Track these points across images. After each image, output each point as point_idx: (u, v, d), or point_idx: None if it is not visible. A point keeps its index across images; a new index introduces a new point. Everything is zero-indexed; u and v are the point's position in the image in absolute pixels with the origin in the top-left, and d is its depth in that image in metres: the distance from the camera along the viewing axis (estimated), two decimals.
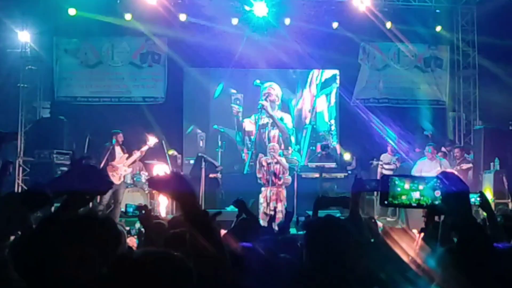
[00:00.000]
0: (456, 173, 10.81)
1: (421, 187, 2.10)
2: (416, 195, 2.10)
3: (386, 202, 2.13)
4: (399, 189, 2.12)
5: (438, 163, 12.07)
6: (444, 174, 2.07)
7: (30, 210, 2.02)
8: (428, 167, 11.36)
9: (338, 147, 14.96)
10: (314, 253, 2.87)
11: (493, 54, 13.97)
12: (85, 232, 2.15)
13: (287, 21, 14.28)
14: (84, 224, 2.19)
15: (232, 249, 2.58)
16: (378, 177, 11.42)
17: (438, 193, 2.06)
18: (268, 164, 11.08)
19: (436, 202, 2.06)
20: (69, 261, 2.09)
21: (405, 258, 2.26)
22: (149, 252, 1.71)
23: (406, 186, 2.11)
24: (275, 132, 14.91)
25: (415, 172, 11.58)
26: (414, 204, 2.10)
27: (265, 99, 14.94)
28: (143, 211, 4.86)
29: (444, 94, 15.22)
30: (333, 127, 15.27)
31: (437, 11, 14.76)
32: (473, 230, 1.99)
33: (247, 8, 14.28)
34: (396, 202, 2.12)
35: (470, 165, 12.73)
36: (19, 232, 2.13)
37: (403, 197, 2.11)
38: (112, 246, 2.19)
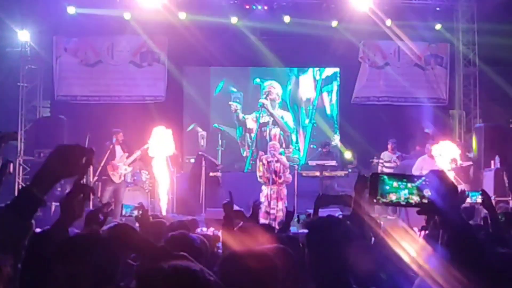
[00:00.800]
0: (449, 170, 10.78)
1: (410, 185, 2.10)
2: (405, 193, 2.10)
3: (375, 200, 2.14)
4: (387, 187, 2.11)
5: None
6: (433, 172, 2.08)
7: (27, 219, 1.97)
8: (429, 165, 11.34)
9: (339, 145, 14.94)
10: (315, 252, 2.87)
11: (493, 51, 13.96)
12: (83, 252, 2.13)
13: (287, 19, 14.28)
14: (83, 244, 2.18)
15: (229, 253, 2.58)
16: None
17: (427, 192, 2.06)
18: (269, 162, 11.07)
19: (425, 201, 2.06)
20: (64, 280, 2.08)
21: (406, 258, 2.26)
22: (178, 267, 1.70)
23: (395, 184, 2.11)
24: (276, 131, 14.89)
25: (415, 170, 11.58)
26: (403, 203, 2.11)
27: (266, 98, 14.94)
28: (140, 211, 4.87)
29: (445, 92, 15.20)
30: (334, 125, 15.25)
31: (437, 9, 14.75)
32: (461, 229, 1.99)
33: (246, 6, 14.29)
34: (385, 200, 2.12)
35: (470, 162, 12.73)
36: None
37: (392, 196, 2.11)
38: (111, 269, 2.19)
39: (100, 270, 2.11)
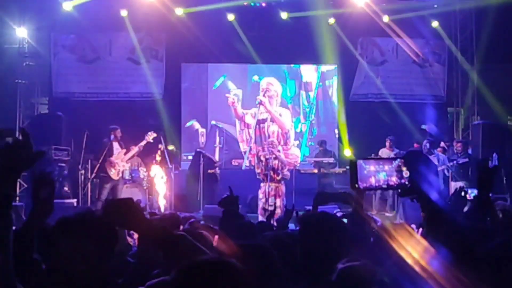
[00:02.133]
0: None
1: (386, 167, 2.11)
2: (383, 175, 2.11)
3: (356, 185, 2.14)
4: (365, 171, 2.12)
5: (436, 158, 12.09)
6: (411, 153, 2.09)
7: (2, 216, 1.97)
8: None
9: (337, 141, 14.91)
10: (307, 247, 2.87)
11: (491, 48, 13.95)
12: (82, 228, 2.18)
13: (284, 15, 14.26)
14: (82, 221, 2.22)
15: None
16: None
17: (406, 173, 2.07)
18: (267, 159, 11.06)
19: (404, 181, 2.07)
20: (66, 255, 2.11)
21: (407, 258, 2.26)
22: (216, 260, 1.70)
23: (372, 168, 2.12)
24: (274, 128, 14.88)
25: None
26: (383, 186, 2.12)
27: (264, 95, 14.91)
28: None
29: (443, 89, 15.19)
30: (333, 122, 15.21)
31: (435, 6, 14.71)
32: (438, 208, 1.99)
33: (244, 3, 14.27)
34: (365, 185, 2.13)
35: (466, 159, 12.71)
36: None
37: (371, 179, 2.12)
38: (109, 243, 2.22)
39: (99, 244, 2.16)
